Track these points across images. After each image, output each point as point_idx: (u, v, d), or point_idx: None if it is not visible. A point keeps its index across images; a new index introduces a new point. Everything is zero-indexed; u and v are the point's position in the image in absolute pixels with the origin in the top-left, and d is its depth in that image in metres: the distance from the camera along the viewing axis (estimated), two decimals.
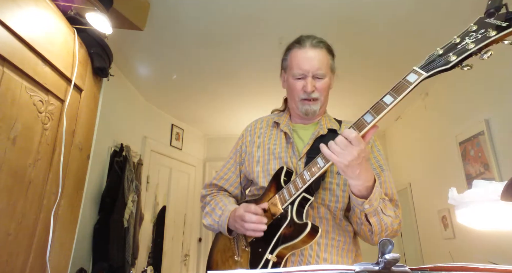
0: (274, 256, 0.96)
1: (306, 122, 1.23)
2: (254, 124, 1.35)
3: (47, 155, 1.39)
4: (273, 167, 1.15)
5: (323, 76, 1.13)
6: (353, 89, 3.14)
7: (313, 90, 1.12)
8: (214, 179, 1.32)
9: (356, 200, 0.93)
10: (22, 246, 1.24)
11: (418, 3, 2.06)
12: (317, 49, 1.14)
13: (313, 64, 1.11)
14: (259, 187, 1.18)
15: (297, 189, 0.99)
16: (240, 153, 1.30)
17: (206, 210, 1.25)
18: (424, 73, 0.78)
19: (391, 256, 0.44)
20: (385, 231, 0.98)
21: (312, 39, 1.17)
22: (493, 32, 0.70)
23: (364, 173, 0.87)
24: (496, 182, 1.35)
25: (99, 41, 1.74)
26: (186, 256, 3.85)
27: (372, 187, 0.91)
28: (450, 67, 0.76)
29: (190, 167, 4.20)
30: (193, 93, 3.38)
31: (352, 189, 0.93)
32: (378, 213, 0.95)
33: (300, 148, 1.17)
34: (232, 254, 1.15)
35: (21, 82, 1.23)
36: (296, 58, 1.15)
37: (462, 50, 0.75)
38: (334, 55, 1.21)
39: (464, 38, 0.76)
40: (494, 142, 2.25)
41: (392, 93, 0.82)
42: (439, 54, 0.79)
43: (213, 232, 1.26)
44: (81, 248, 2.27)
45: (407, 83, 0.80)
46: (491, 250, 2.22)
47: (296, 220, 0.98)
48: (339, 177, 1.10)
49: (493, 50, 0.72)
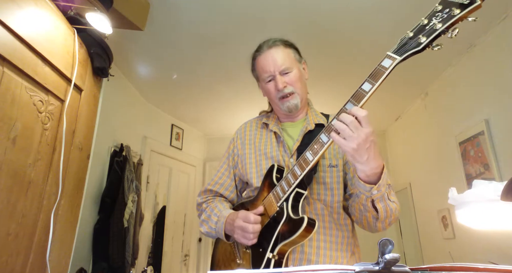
0: (275, 254, 0.97)
1: (293, 119, 1.25)
2: (244, 127, 1.38)
3: (47, 155, 1.39)
4: (266, 166, 1.17)
5: (289, 70, 1.15)
6: None
7: (285, 86, 1.14)
8: (208, 185, 1.32)
9: (364, 186, 0.89)
10: (22, 246, 1.24)
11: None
12: (274, 48, 1.17)
13: (275, 63, 1.14)
14: (253, 187, 1.19)
15: (290, 185, 1.00)
16: (233, 156, 1.32)
17: (202, 217, 1.25)
18: (398, 57, 0.81)
19: (391, 256, 0.44)
20: (389, 218, 0.97)
21: (267, 42, 1.21)
22: (457, 11, 0.75)
23: (373, 159, 0.84)
24: (496, 182, 1.35)
25: (99, 41, 1.74)
26: (186, 256, 3.85)
27: (381, 173, 0.88)
28: (421, 49, 0.79)
29: (190, 167, 4.20)
30: (193, 93, 3.38)
31: (359, 174, 0.89)
32: (385, 199, 0.93)
33: (291, 145, 1.18)
34: (234, 258, 1.15)
35: (21, 82, 1.23)
36: (260, 64, 1.19)
37: (431, 31, 0.78)
38: (295, 47, 1.23)
39: (431, 19, 0.79)
40: (494, 142, 2.25)
41: (369, 80, 0.84)
42: (410, 37, 0.82)
43: (212, 238, 1.26)
44: (81, 248, 2.27)
45: (383, 69, 0.82)
46: (491, 250, 2.22)
47: (292, 216, 0.98)
48: (331, 170, 1.11)
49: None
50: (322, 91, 3.20)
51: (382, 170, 0.88)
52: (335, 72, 2.89)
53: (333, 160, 1.12)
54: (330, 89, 3.17)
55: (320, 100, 3.34)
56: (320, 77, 2.94)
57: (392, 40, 0.87)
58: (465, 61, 2.57)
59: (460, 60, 2.62)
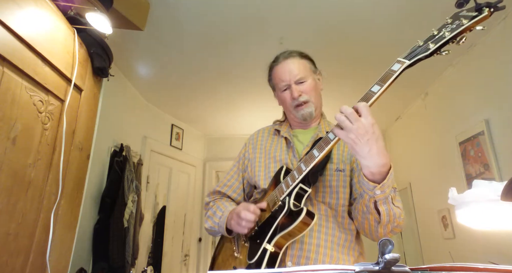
0: (272, 246, 0.97)
1: (305, 127, 1.28)
2: (256, 134, 1.41)
3: (47, 155, 1.39)
4: (274, 169, 1.19)
5: (304, 79, 1.19)
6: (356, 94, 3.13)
7: (300, 94, 1.18)
8: (217, 186, 1.36)
9: (368, 184, 0.88)
10: (22, 246, 1.24)
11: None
12: (290, 59, 1.23)
13: (291, 73, 1.19)
14: (260, 189, 1.20)
15: (294, 180, 1.01)
16: (243, 160, 1.35)
17: (207, 213, 1.28)
18: (407, 61, 0.86)
19: (391, 256, 0.44)
20: (392, 223, 0.95)
21: (284, 53, 1.26)
22: (465, 21, 0.81)
23: (376, 154, 0.83)
24: (496, 182, 1.35)
25: (99, 41, 1.74)
26: (186, 256, 3.85)
27: (387, 173, 0.87)
28: (429, 54, 0.84)
29: (190, 167, 4.20)
30: (193, 93, 3.38)
31: (364, 171, 0.88)
32: (389, 202, 0.91)
33: (300, 150, 1.20)
34: (232, 252, 1.16)
35: (21, 82, 1.23)
36: (277, 74, 1.24)
37: (439, 38, 0.84)
38: (310, 58, 1.28)
39: (441, 30, 0.85)
40: (494, 142, 2.25)
41: (379, 82, 0.89)
42: (419, 45, 0.87)
43: (214, 235, 1.28)
44: (81, 248, 2.27)
45: (392, 72, 0.87)
46: (491, 250, 2.22)
47: (293, 208, 0.99)
48: (338, 174, 1.12)
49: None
50: (327, 95, 3.19)
51: (389, 170, 0.88)
52: (339, 75, 2.89)
53: (341, 164, 1.14)
54: (335, 92, 3.17)
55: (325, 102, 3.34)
56: (324, 79, 2.93)
57: (398, 43, 0.90)
58: (465, 61, 2.57)
59: (460, 60, 2.62)
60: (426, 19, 2.06)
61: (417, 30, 2.28)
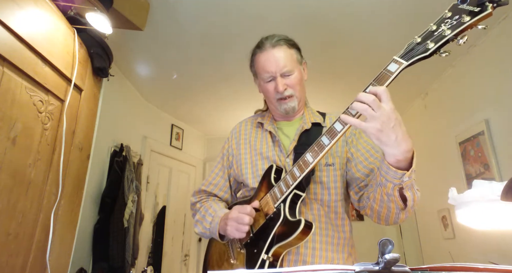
0: (270, 256, 0.96)
1: (289, 119, 1.23)
2: (238, 127, 1.35)
3: (47, 155, 1.39)
4: (262, 166, 1.15)
5: (291, 72, 1.12)
6: (350, 91, 3.14)
7: (285, 88, 1.12)
8: (202, 185, 1.30)
9: (396, 172, 0.81)
10: (22, 246, 1.24)
11: None
12: (277, 48, 1.14)
13: (277, 64, 1.11)
14: (249, 188, 1.17)
15: (288, 187, 0.98)
16: (227, 156, 1.30)
17: (196, 217, 1.24)
18: (404, 62, 0.79)
19: (391, 256, 0.44)
20: (412, 208, 0.91)
21: (270, 39, 1.17)
22: (467, 18, 0.73)
23: (402, 140, 0.78)
24: (496, 182, 1.35)
25: (99, 41, 1.74)
26: (186, 256, 3.85)
27: (411, 158, 0.82)
28: (429, 54, 0.77)
29: (190, 167, 4.20)
30: (193, 93, 3.38)
31: (389, 159, 0.81)
32: (413, 186, 0.87)
33: (287, 145, 1.17)
34: (227, 257, 1.15)
35: (21, 82, 1.23)
36: (261, 62, 1.15)
37: (439, 37, 0.76)
38: (297, 47, 1.20)
39: (440, 25, 0.77)
40: (494, 142, 2.25)
41: (374, 84, 0.81)
42: (418, 42, 0.80)
43: (205, 238, 1.25)
44: (81, 248, 2.27)
45: (389, 73, 0.80)
46: (491, 250, 2.22)
47: (290, 217, 0.97)
48: (328, 169, 1.09)
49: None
50: (320, 92, 3.20)
51: (413, 154, 0.82)
52: (335, 72, 2.89)
53: (330, 158, 1.11)
54: (329, 90, 3.17)
55: (318, 100, 3.34)
56: (319, 77, 2.94)
57: (395, 41, 0.87)
58: (465, 61, 2.57)
59: (460, 60, 2.62)
60: (424, 17, 2.05)
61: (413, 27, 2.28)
